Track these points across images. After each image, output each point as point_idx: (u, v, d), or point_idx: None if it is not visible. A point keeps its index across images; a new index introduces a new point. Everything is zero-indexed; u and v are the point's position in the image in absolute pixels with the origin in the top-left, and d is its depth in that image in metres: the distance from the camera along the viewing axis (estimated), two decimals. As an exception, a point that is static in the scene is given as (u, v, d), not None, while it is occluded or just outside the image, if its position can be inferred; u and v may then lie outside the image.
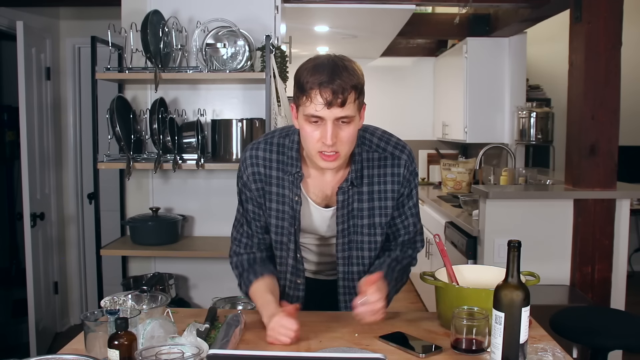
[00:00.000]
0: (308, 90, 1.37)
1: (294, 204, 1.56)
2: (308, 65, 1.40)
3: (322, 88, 1.35)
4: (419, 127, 5.84)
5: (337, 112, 1.37)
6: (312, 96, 1.36)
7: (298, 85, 1.40)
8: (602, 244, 3.03)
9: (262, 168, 1.56)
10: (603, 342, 2.24)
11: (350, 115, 1.39)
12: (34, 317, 3.43)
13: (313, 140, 1.41)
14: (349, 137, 1.42)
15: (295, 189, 1.55)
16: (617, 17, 2.99)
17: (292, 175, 1.55)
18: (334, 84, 1.34)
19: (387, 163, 1.57)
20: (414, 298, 5.02)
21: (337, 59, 1.40)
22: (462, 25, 4.67)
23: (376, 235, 1.61)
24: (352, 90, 1.37)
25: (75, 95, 4.17)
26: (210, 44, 2.84)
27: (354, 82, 1.37)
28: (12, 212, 4.42)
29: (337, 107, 1.36)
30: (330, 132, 1.38)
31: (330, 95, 1.35)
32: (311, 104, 1.37)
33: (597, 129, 3.01)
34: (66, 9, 4.09)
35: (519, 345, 1.25)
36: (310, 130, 1.41)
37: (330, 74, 1.35)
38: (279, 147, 1.57)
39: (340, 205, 1.56)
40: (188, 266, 3.13)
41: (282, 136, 1.58)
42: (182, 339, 1.28)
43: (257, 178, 1.57)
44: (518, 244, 1.25)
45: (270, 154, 1.56)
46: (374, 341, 1.47)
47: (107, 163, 2.85)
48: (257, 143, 1.59)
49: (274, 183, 1.57)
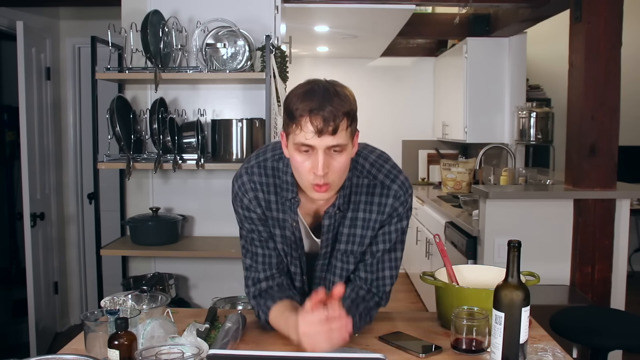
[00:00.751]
0: (298, 117, 1.29)
1: (294, 230, 1.50)
2: (298, 92, 1.33)
3: (312, 115, 1.28)
4: (419, 127, 5.84)
5: (329, 141, 1.30)
6: (302, 124, 1.29)
7: (287, 112, 1.33)
8: (602, 244, 3.03)
9: (261, 193, 1.50)
10: (603, 342, 2.24)
11: (342, 144, 1.32)
12: (34, 317, 3.43)
13: (304, 171, 1.34)
14: (341, 167, 1.35)
15: (293, 214, 1.49)
16: (617, 17, 2.99)
17: (289, 201, 1.48)
18: (324, 110, 1.27)
19: (375, 191, 1.49)
20: (414, 298, 5.03)
21: (328, 84, 1.33)
22: (462, 25, 4.68)
23: (349, 263, 1.53)
24: (344, 117, 1.30)
25: (75, 95, 4.17)
26: (210, 44, 2.84)
27: (346, 109, 1.30)
28: (12, 212, 4.42)
29: (329, 135, 1.29)
30: (321, 162, 1.30)
31: (321, 122, 1.28)
32: (301, 132, 1.29)
33: (597, 129, 3.01)
34: (66, 9, 4.09)
35: (519, 345, 1.25)
36: (301, 161, 1.34)
37: (321, 100, 1.28)
38: (274, 170, 1.50)
39: (325, 230, 1.49)
40: (188, 266, 3.13)
41: (276, 159, 1.50)
42: (182, 339, 1.28)
43: (260, 203, 1.50)
44: (518, 244, 1.25)
45: (267, 179, 1.50)
46: (374, 341, 1.47)
47: (107, 163, 2.85)
48: (250, 167, 1.51)
49: (273, 208, 1.50)
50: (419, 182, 5.67)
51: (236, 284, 2.99)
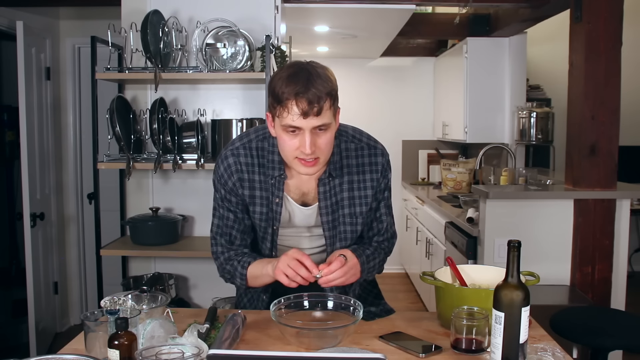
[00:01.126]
0: (284, 100, 1.37)
1: (274, 206, 1.58)
2: (282, 75, 1.40)
3: (298, 98, 1.36)
4: (419, 127, 5.84)
5: (314, 122, 1.38)
6: (288, 106, 1.37)
7: (273, 95, 1.41)
8: (602, 244, 3.03)
9: (246, 174, 1.57)
10: (603, 342, 2.24)
11: (326, 123, 1.40)
12: (34, 317, 3.43)
13: (291, 149, 1.43)
14: (327, 144, 1.44)
15: (277, 191, 1.57)
16: (617, 17, 2.99)
17: (274, 178, 1.56)
18: (309, 93, 1.35)
19: (364, 153, 1.60)
20: (414, 298, 5.03)
21: (309, 66, 1.41)
22: (462, 25, 4.68)
23: (357, 224, 1.63)
24: (327, 98, 1.38)
25: (75, 95, 4.17)
26: (210, 44, 2.84)
27: (328, 89, 1.39)
28: (12, 212, 4.42)
29: (314, 116, 1.37)
30: (308, 141, 1.39)
31: (306, 105, 1.36)
32: (288, 114, 1.38)
33: (597, 129, 3.01)
34: (66, 9, 4.09)
35: (518, 345, 1.25)
36: (287, 139, 1.42)
37: (305, 83, 1.36)
38: (258, 150, 1.57)
39: (322, 197, 1.58)
40: (188, 266, 3.13)
41: (260, 139, 1.58)
42: (182, 339, 1.28)
43: (244, 185, 1.57)
44: (518, 244, 1.25)
45: (251, 159, 1.57)
46: (374, 341, 1.47)
47: (107, 163, 2.85)
48: (235, 149, 1.58)
49: (257, 187, 1.58)
50: (419, 182, 5.67)
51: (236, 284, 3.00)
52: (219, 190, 1.61)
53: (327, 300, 1.54)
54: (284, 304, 1.51)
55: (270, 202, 1.58)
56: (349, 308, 1.49)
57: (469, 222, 3.35)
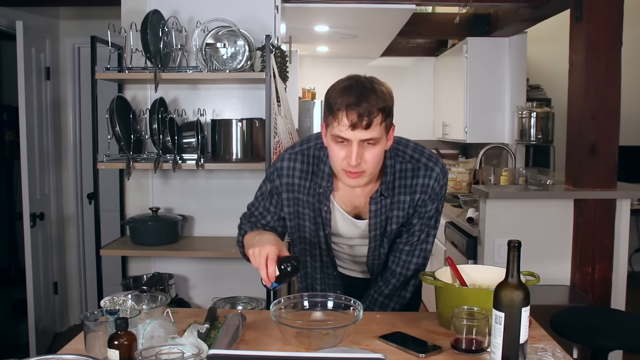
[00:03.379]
0: (335, 111, 1.41)
1: (323, 213, 1.62)
2: (338, 87, 1.44)
3: (348, 110, 1.38)
4: (419, 127, 5.83)
5: (362, 135, 1.40)
6: (339, 117, 1.40)
7: (327, 105, 1.45)
8: (603, 244, 3.03)
9: (296, 179, 1.63)
10: (603, 342, 2.24)
11: (375, 138, 1.42)
12: (33, 317, 3.43)
13: (339, 159, 1.46)
14: (374, 158, 1.45)
15: (325, 200, 1.61)
16: (617, 17, 2.99)
17: (322, 188, 1.61)
18: (360, 106, 1.38)
19: (419, 174, 1.59)
20: (414, 298, 5.02)
21: (366, 80, 1.44)
22: (462, 25, 4.67)
23: None
24: (378, 113, 1.40)
25: (75, 95, 4.17)
26: (210, 44, 2.84)
27: (381, 105, 1.40)
28: (12, 212, 4.42)
29: (362, 129, 1.39)
30: (355, 154, 1.42)
31: (355, 117, 1.38)
32: (338, 125, 1.41)
33: (597, 129, 3.01)
34: (66, 9, 4.09)
35: (519, 345, 1.25)
36: (336, 150, 1.45)
37: (357, 96, 1.39)
38: (314, 159, 1.62)
39: (372, 215, 1.61)
40: (188, 266, 3.13)
41: (317, 148, 1.63)
42: (182, 339, 1.28)
43: (289, 188, 1.64)
44: (518, 244, 1.25)
45: (307, 166, 1.62)
46: (374, 341, 1.47)
47: (107, 163, 2.85)
48: (294, 153, 1.64)
49: (305, 192, 1.63)
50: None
51: (236, 284, 3.00)
52: (266, 184, 1.70)
53: (327, 300, 1.54)
54: (284, 304, 1.51)
55: (318, 208, 1.63)
56: (349, 308, 1.49)
57: (469, 222, 3.35)
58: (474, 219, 3.33)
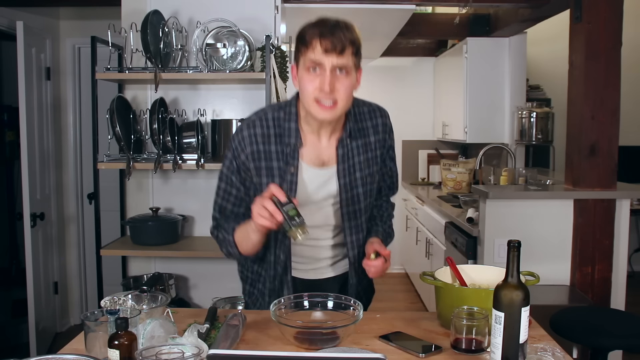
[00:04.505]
0: (309, 40, 1.46)
1: (289, 176, 1.58)
2: (310, 22, 1.50)
3: (322, 38, 1.44)
4: (419, 127, 5.84)
5: (335, 60, 1.45)
6: (312, 44, 1.45)
7: (300, 37, 1.50)
8: (602, 244, 3.03)
9: (260, 145, 1.58)
10: (603, 342, 2.24)
11: (347, 65, 1.46)
12: (34, 317, 3.43)
13: (311, 88, 1.47)
14: (346, 89, 1.48)
15: (292, 159, 1.58)
16: (617, 17, 2.99)
17: (290, 146, 1.58)
18: (333, 35, 1.44)
19: (376, 114, 1.69)
20: (414, 298, 5.03)
21: (338, 19, 1.50)
22: (462, 25, 4.68)
23: (372, 183, 1.69)
24: (350, 45, 1.46)
25: (75, 95, 4.18)
26: (210, 44, 2.84)
27: (352, 38, 1.47)
28: (12, 212, 4.42)
29: (335, 54, 1.44)
30: (328, 80, 1.45)
31: (329, 44, 1.44)
32: (312, 52, 1.46)
33: (597, 129, 3.01)
34: (66, 9, 4.09)
35: (518, 345, 1.25)
36: (309, 80, 1.47)
37: (330, 27, 1.46)
38: (274, 121, 1.60)
39: (340, 160, 1.61)
40: (188, 266, 3.13)
41: (276, 110, 1.62)
42: (182, 339, 1.28)
43: (255, 157, 1.58)
44: (518, 244, 1.25)
45: (267, 130, 1.59)
46: (374, 341, 1.47)
47: (107, 163, 2.85)
48: (251, 121, 1.61)
49: (274, 158, 1.59)
50: (419, 182, 5.67)
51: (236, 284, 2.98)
52: (230, 164, 1.62)
53: (327, 300, 1.54)
54: (284, 304, 1.51)
55: (284, 171, 1.58)
56: (349, 308, 1.50)
57: (469, 222, 3.35)
58: (474, 219, 3.33)
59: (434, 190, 5.20)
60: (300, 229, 1.42)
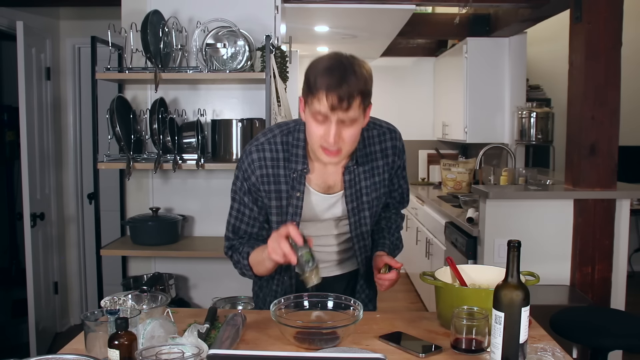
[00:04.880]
0: (316, 91, 1.41)
1: (295, 200, 1.60)
2: (319, 66, 1.43)
3: (329, 92, 1.39)
4: (419, 127, 5.84)
5: (341, 115, 1.41)
6: (319, 96, 1.41)
7: (307, 83, 1.45)
8: (602, 244, 3.03)
9: (270, 169, 1.59)
10: (603, 342, 2.24)
11: (354, 117, 1.43)
12: (34, 317, 3.43)
13: (316, 137, 1.46)
14: (352, 137, 1.47)
15: (298, 184, 1.59)
16: (617, 17, 2.99)
17: (296, 172, 1.59)
18: (341, 88, 1.38)
19: (386, 137, 1.67)
20: (414, 298, 5.03)
21: (347, 61, 1.43)
22: (462, 25, 4.68)
23: (378, 205, 1.70)
24: (358, 96, 1.41)
25: (75, 95, 4.17)
26: (210, 44, 2.84)
27: (360, 88, 1.41)
28: (12, 212, 4.42)
29: (342, 111, 1.40)
30: (333, 132, 1.43)
31: (336, 100, 1.39)
32: (318, 104, 1.42)
33: (597, 129, 3.01)
34: (66, 9, 4.09)
35: (518, 345, 1.25)
36: (315, 127, 1.46)
37: (338, 79, 1.39)
38: (283, 145, 1.60)
39: (347, 185, 1.62)
40: (188, 266, 3.13)
41: (285, 134, 1.61)
42: (182, 339, 1.28)
43: (264, 180, 1.60)
44: (518, 244, 1.25)
45: (276, 154, 1.59)
46: (374, 341, 1.47)
47: (107, 163, 2.85)
48: (260, 144, 1.60)
49: (281, 181, 1.60)
50: (419, 182, 5.67)
51: (236, 284, 2.99)
52: (241, 185, 1.63)
53: (327, 300, 1.54)
54: (284, 304, 1.51)
55: (290, 196, 1.60)
56: (349, 308, 1.50)
57: (469, 222, 3.35)
58: (474, 219, 3.33)
59: (434, 190, 5.20)
60: (313, 274, 1.45)
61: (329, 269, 1.76)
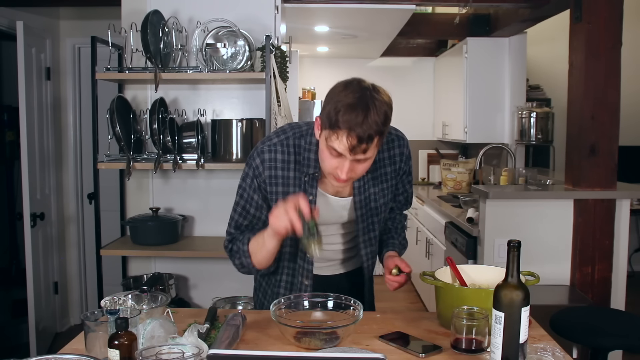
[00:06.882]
0: (336, 128, 1.38)
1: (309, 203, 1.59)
2: (343, 100, 1.38)
3: (350, 133, 1.36)
4: (419, 127, 5.84)
5: (358, 156, 1.41)
6: (339, 135, 1.38)
7: (328, 116, 1.40)
8: (602, 244, 3.03)
9: (279, 171, 1.59)
10: (603, 342, 2.24)
11: (369, 156, 1.44)
12: (34, 317, 3.43)
13: (330, 167, 1.46)
14: (364, 170, 1.48)
15: (310, 188, 1.59)
16: (617, 17, 2.99)
17: (308, 176, 1.59)
18: (361, 129, 1.36)
19: (394, 144, 1.68)
20: (414, 298, 5.03)
21: (370, 96, 1.39)
22: (462, 25, 4.68)
23: (386, 211, 1.73)
24: (376, 136, 1.39)
25: (75, 95, 4.18)
26: (210, 44, 2.84)
27: (381, 129, 1.39)
28: (12, 212, 4.42)
29: (360, 152, 1.40)
30: (346, 169, 1.43)
31: (355, 141, 1.37)
32: (337, 141, 1.39)
33: (597, 129, 3.01)
34: (66, 9, 4.09)
35: (518, 345, 1.25)
36: (329, 158, 1.45)
37: (362, 118, 1.35)
38: (295, 148, 1.59)
39: (356, 192, 1.63)
40: (188, 266, 3.13)
41: (297, 137, 1.60)
42: (182, 339, 1.28)
43: (272, 181, 1.59)
44: (518, 244, 1.25)
45: (288, 156, 1.58)
46: (374, 341, 1.47)
47: (107, 163, 2.85)
48: (273, 145, 1.59)
49: (291, 184, 1.60)
50: (419, 182, 5.67)
51: (236, 284, 3.00)
52: (251, 182, 1.61)
53: (327, 300, 1.54)
54: (284, 304, 1.51)
55: None
56: (349, 308, 1.50)
57: (469, 222, 3.35)
58: (474, 219, 3.33)
59: (434, 190, 5.19)
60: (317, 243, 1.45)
61: (334, 267, 1.77)
